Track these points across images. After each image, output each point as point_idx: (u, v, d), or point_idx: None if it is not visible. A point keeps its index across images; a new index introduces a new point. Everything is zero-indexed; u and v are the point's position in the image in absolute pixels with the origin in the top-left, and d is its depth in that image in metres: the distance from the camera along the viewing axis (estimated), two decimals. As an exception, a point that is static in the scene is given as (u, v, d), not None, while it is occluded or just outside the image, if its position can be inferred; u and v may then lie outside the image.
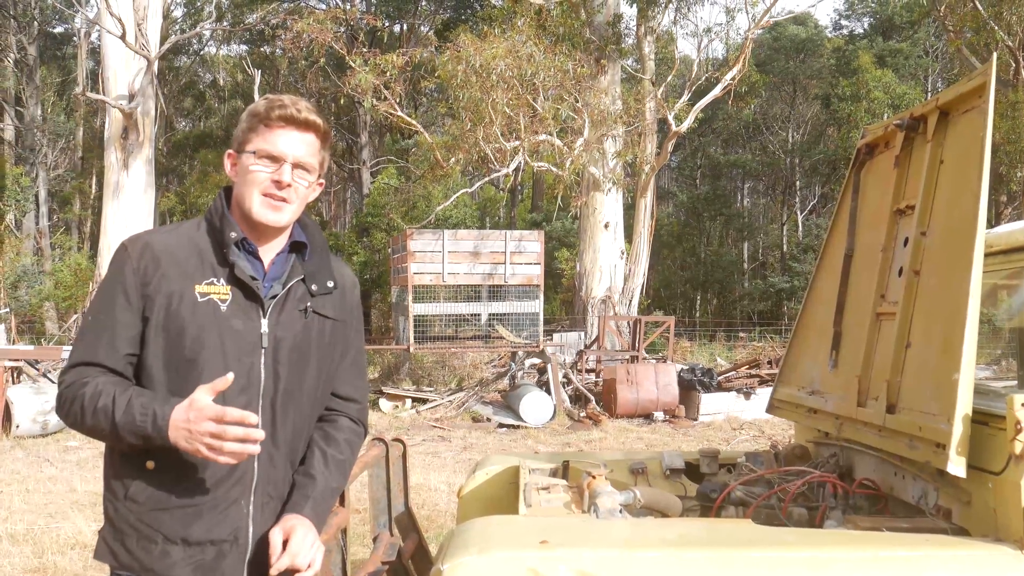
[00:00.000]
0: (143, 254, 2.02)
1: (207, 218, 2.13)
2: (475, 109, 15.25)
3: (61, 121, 32.22)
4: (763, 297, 34.51)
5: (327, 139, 2.14)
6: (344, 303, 2.22)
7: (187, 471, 1.99)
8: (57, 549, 6.01)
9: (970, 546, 2.39)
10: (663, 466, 3.55)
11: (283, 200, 2.06)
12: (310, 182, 2.11)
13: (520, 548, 2.32)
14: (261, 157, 2.05)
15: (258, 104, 2.10)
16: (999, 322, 3.70)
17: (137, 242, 2.07)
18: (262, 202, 2.05)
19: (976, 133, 2.73)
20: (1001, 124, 18.56)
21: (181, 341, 1.98)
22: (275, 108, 2.05)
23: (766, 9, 18.68)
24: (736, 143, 40.08)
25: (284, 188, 2.05)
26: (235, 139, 2.12)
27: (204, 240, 2.08)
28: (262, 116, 2.06)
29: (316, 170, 2.12)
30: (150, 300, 1.99)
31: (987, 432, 2.47)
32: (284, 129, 2.06)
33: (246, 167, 2.07)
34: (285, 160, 2.05)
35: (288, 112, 2.05)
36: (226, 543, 2.02)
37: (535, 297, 14.00)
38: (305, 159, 2.08)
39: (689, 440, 11.28)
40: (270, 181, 2.05)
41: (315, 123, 2.09)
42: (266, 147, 2.05)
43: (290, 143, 2.06)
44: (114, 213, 17.55)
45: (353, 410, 2.28)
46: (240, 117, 2.13)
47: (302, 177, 2.09)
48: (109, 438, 1.98)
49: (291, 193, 2.06)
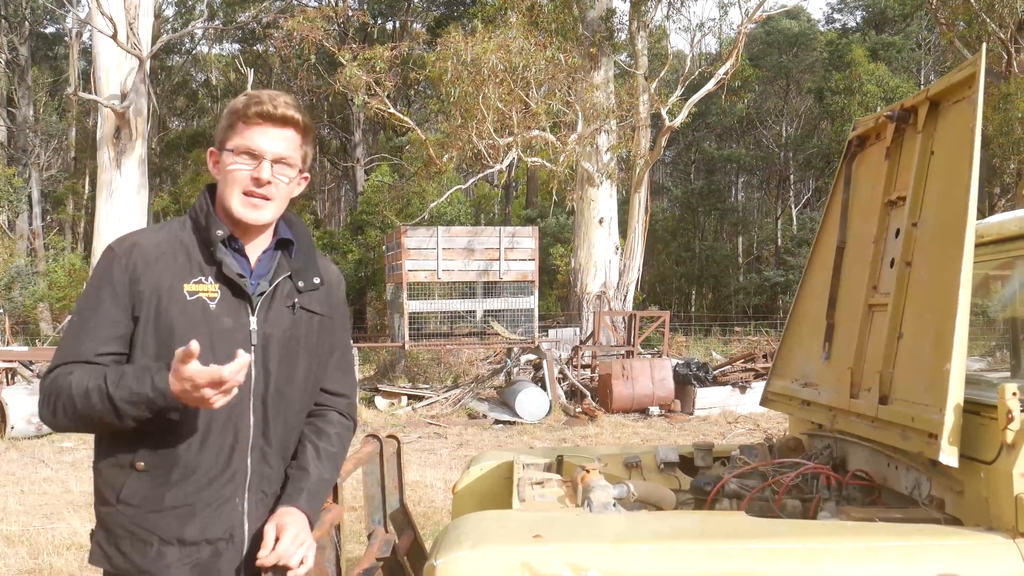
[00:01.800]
0: (131, 253, 2.02)
1: (192, 216, 2.12)
2: (466, 105, 15.22)
3: (53, 121, 32.10)
4: (758, 291, 34.55)
5: (308, 133, 2.13)
6: (331, 299, 2.22)
7: (178, 471, 1.98)
8: (53, 550, 5.99)
9: (963, 536, 2.39)
10: (657, 460, 3.56)
11: (263, 198, 2.05)
12: (291, 177, 2.10)
13: (514, 542, 2.32)
14: (240, 154, 2.05)
15: (237, 101, 2.09)
16: (991, 312, 3.71)
17: (124, 242, 2.06)
18: (242, 201, 2.05)
19: (966, 124, 2.73)
20: (994, 116, 18.56)
21: (170, 340, 1.96)
22: (253, 104, 2.04)
23: (759, 3, 18.67)
24: (730, 137, 40.09)
25: (264, 185, 2.04)
26: (216, 137, 2.11)
27: (190, 238, 2.07)
28: (240, 113, 2.05)
29: (298, 165, 2.11)
30: (139, 298, 1.98)
31: (979, 422, 2.47)
32: (262, 126, 2.05)
33: (226, 165, 2.06)
34: (264, 157, 2.04)
35: (265, 108, 2.04)
36: (222, 541, 2.01)
37: (530, 293, 14.01)
38: (285, 154, 2.07)
39: (685, 434, 11.29)
40: (250, 178, 2.04)
41: (293, 118, 2.07)
42: (245, 144, 2.04)
43: (268, 140, 2.05)
44: (107, 213, 17.49)
45: (342, 405, 2.28)
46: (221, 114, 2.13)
47: (283, 173, 2.08)
48: (104, 419, 1.91)
49: (271, 190, 2.06)
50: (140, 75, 17.38)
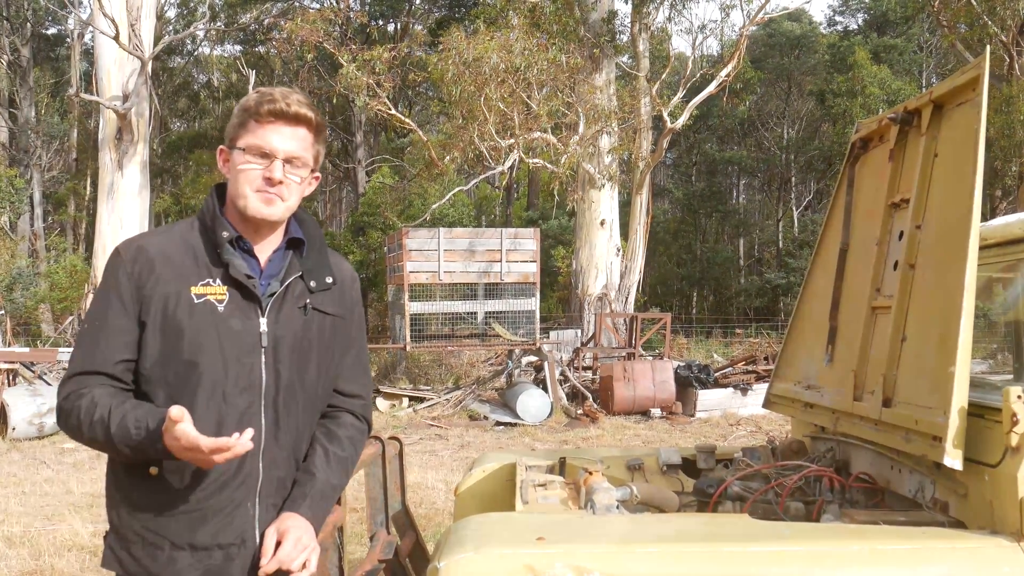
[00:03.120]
0: (137, 258, 2.00)
1: (200, 218, 2.09)
2: (468, 106, 15.21)
3: (55, 122, 32.12)
4: (759, 293, 34.54)
5: (320, 132, 2.09)
6: (344, 299, 2.18)
7: (191, 476, 1.96)
8: (54, 551, 5.98)
9: (967, 539, 2.39)
10: (660, 462, 3.55)
11: (276, 195, 2.02)
12: (303, 177, 2.07)
13: (517, 545, 2.32)
14: (252, 154, 2.01)
15: (249, 98, 2.05)
16: (994, 315, 3.70)
17: (130, 246, 2.04)
18: (255, 197, 2.01)
19: (970, 126, 2.73)
20: (996, 119, 18.56)
21: (179, 344, 1.95)
22: (265, 103, 2.00)
23: (761, 5, 18.67)
24: (731, 139, 40.08)
25: (276, 185, 2.01)
26: (227, 134, 2.08)
27: (197, 240, 2.05)
28: (252, 111, 2.01)
29: (309, 164, 2.07)
30: (146, 304, 1.97)
31: (983, 425, 2.47)
32: (274, 124, 2.01)
33: (237, 164, 2.03)
34: (276, 156, 2.00)
35: (278, 107, 2.00)
36: (233, 547, 2.00)
37: (531, 295, 14.00)
38: (297, 154, 2.03)
39: (686, 436, 11.28)
40: (262, 178, 2.01)
41: (306, 116, 2.03)
42: (256, 143, 2.00)
43: (281, 139, 2.01)
44: (109, 214, 17.50)
45: (357, 406, 2.24)
46: (233, 111, 2.10)
47: (294, 172, 2.04)
48: (107, 450, 1.97)
49: (283, 189, 2.02)
50: (142, 76, 17.40)
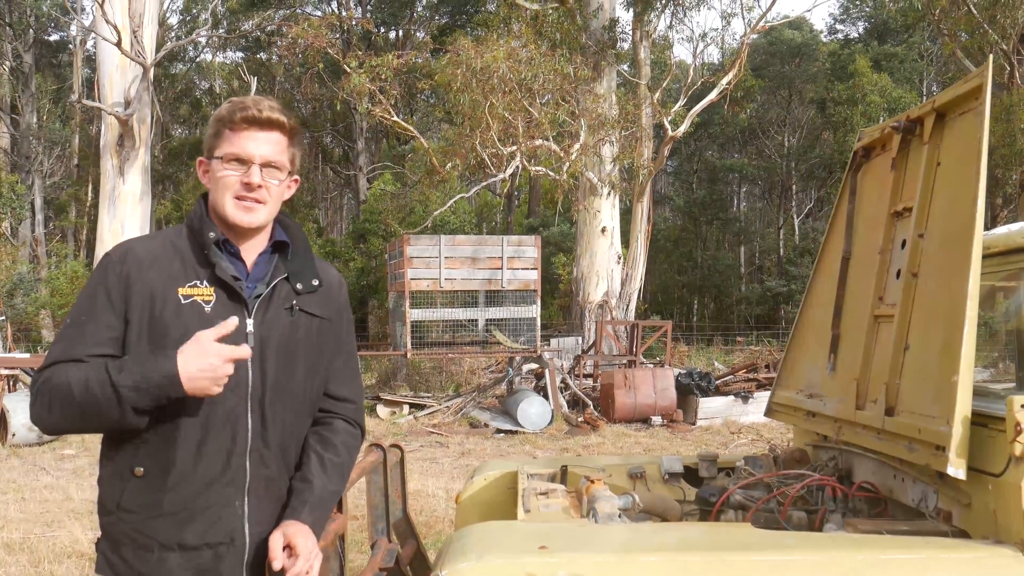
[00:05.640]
0: (125, 259, 2.04)
1: (187, 223, 2.14)
2: (473, 114, 15.22)
3: (57, 128, 32.18)
4: (760, 301, 34.51)
5: (295, 135, 2.14)
6: (331, 301, 2.22)
7: (176, 475, 1.97)
8: (53, 558, 5.97)
9: (971, 548, 2.38)
10: (662, 470, 3.54)
11: (256, 201, 2.07)
12: (281, 180, 2.11)
13: (519, 553, 2.31)
14: (229, 161, 2.06)
15: (222, 108, 2.10)
16: (997, 324, 3.69)
17: (119, 248, 2.09)
18: (235, 204, 2.06)
19: (973, 135, 2.73)
20: (996, 127, 18.59)
21: (165, 343, 1.96)
22: (238, 111, 2.06)
23: (762, 14, 18.73)
24: (732, 147, 40.12)
25: (255, 190, 2.06)
26: (204, 145, 2.13)
27: (185, 244, 2.09)
28: (226, 120, 2.07)
29: (287, 167, 2.13)
30: (132, 302, 2.00)
31: (987, 434, 2.46)
32: (248, 131, 2.06)
33: (216, 173, 2.08)
34: (253, 162, 2.06)
35: (250, 113, 2.05)
36: (222, 545, 2.01)
37: (532, 302, 13.99)
38: (273, 158, 2.08)
39: (687, 444, 11.27)
40: (240, 184, 2.06)
41: (279, 121, 2.09)
42: (233, 150, 2.06)
43: (256, 144, 2.06)
44: (110, 220, 17.51)
45: (349, 411, 2.26)
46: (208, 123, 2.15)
47: (272, 176, 2.09)
48: (104, 412, 1.90)
49: (263, 194, 2.07)
50: (144, 83, 17.43)
